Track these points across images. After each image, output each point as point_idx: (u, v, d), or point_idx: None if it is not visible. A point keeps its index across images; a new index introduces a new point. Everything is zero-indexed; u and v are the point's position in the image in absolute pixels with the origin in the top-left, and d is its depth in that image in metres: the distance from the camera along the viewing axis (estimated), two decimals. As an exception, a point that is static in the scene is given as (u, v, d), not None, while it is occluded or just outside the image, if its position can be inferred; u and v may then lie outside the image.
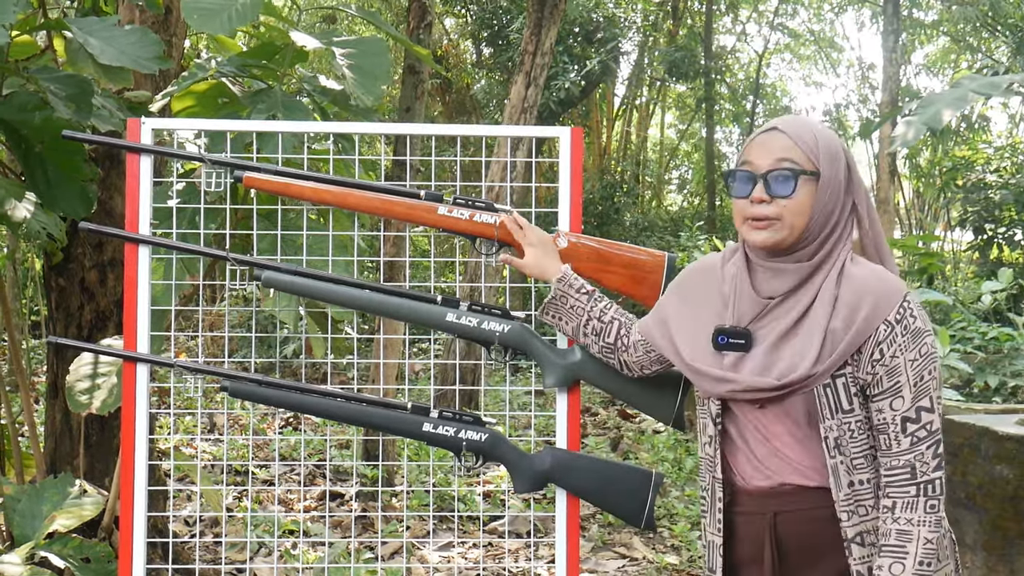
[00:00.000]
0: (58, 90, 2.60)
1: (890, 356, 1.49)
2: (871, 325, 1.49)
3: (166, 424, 6.03)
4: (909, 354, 1.49)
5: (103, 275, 3.25)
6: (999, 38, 13.30)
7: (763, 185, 1.52)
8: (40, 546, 2.54)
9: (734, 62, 17.65)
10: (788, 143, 1.53)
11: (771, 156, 1.53)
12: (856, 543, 1.52)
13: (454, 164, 7.16)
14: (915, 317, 1.50)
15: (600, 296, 1.93)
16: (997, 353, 5.41)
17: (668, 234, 12.59)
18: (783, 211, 1.51)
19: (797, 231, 1.52)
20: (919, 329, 1.50)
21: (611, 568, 4.21)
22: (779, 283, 1.56)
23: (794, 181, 1.51)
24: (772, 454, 1.58)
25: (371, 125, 2.35)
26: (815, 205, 1.52)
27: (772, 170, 1.52)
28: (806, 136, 1.53)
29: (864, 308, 1.49)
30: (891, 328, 1.49)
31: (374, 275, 9.08)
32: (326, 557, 3.77)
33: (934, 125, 3.97)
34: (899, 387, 1.49)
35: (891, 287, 1.51)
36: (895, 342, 1.49)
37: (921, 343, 1.49)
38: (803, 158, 1.52)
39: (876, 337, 1.49)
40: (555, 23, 6.43)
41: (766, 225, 1.53)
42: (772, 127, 1.57)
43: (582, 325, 1.90)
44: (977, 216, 9.85)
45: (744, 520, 1.62)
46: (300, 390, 2.01)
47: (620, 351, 1.87)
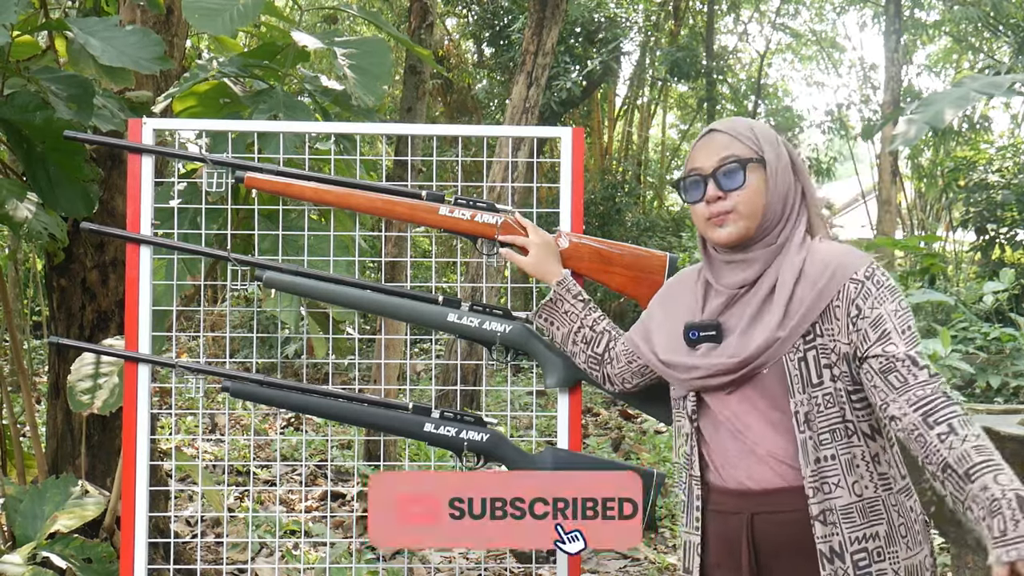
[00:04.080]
0: (59, 90, 2.60)
1: (869, 308, 1.50)
2: (837, 283, 1.52)
3: (167, 424, 6.03)
4: (889, 305, 1.50)
5: (104, 275, 3.25)
6: (1001, 38, 13.28)
7: (714, 184, 1.59)
8: (42, 546, 2.55)
9: (736, 62, 17.63)
10: (727, 140, 1.60)
11: (715, 156, 1.60)
12: (819, 521, 1.52)
13: (455, 164, 7.15)
14: (886, 275, 1.53)
15: (595, 307, 1.94)
16: (999, 353, 5.40)
17: (670, 234, 12.57)
18: (738, 203, 1.58)
19: (757, 218, 1.58)
20: (893, 286, 1.52)
21: (612, 568, 4.21)
22: (746, 272, 1.60)
23: (742, 171, 1.57)
24: (748, 452, 1.58)
25: (372, 125, 2.35)
26: (769, 189, 1.58)
27: (718, 167, 1.59)
28: (742, 129, 1.60)
29: (828, 271, 1.53)
30: (861, 284, 1.51)
31: (375, 275, 9.08)
32: (327, 557, 3.77)
33: (936, 124, 3.97)
34: (888, 333, 1.49)
35: (857, 255, 1.55)
36: (871, 295, 1.51)
37: (899, 297, 1.51)
38: (744, 150, 1.58)
39: (847, 295, 1.51)
40: (556, 23, 6.43)
41: (723, 220, 1.58)
42: (709, 130, 1.64)
43: (573, 332, 1.92)
44: (979, 216, 9.83)
45: (721, 519, 1.62)
46: (301, 390, 2.01)
47: (605, 363, 1.89)
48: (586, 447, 6.33)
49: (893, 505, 1.53)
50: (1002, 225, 9.80)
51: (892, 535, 1.52)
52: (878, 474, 1.53)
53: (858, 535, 1.50)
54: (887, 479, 1.54)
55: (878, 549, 1.50)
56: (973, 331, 5.63)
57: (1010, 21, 12.06)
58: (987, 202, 9.80)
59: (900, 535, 1.52)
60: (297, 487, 4.53)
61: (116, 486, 2.88)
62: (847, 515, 1.51)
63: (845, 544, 1.50)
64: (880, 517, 1.52)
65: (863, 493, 1.52)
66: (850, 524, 1.51)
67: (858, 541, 1.50)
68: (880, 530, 1.51)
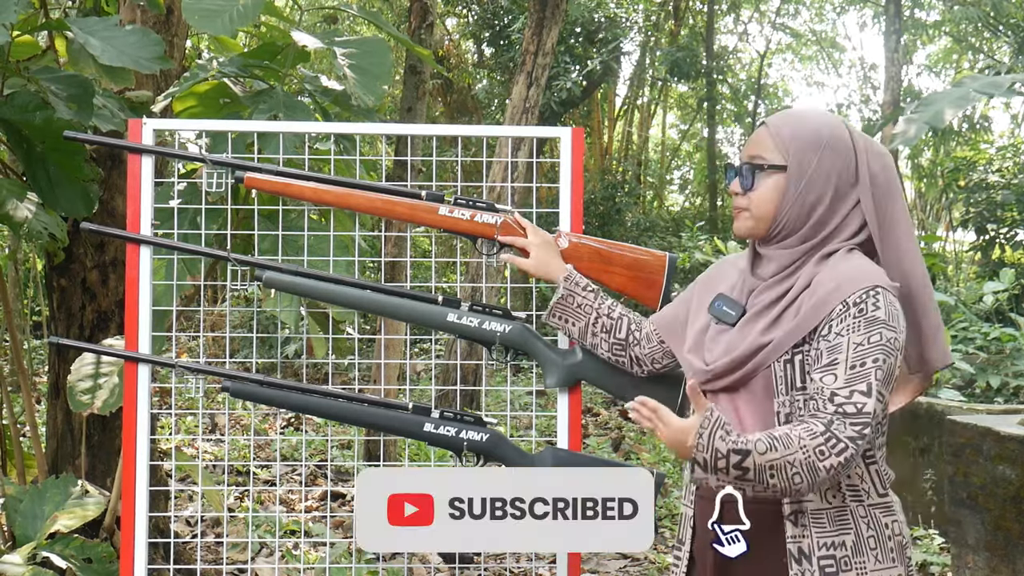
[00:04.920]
0: (59, 90, 2.60)
1: (835, 334, 1.49)
2: (830, 303, 1.51)
3: (167, 424, 6.03)
4: (856, 336, 1.48)
5: (104, 275, 3.25)
6: (1001, 38, 13.28)
7: (738, 178, 1.62)
8: (42, 546, 2.55)
9: (736, 62, 17.64)
10: (765, 137, 1.61)
11: (749, 150, 1.63)
12: (791, 521, 1.53)
13: (455, 164, 7.15)
14: (877, 307, 1.49)
15: (605, 295, 1.94)
16: (999, 353, 5.40)
17: (670, 234, 12.58)
18: (750, 202, 1.60)
19: (766, 221, 1.59)
20: (876, 318, 1.48)
21: (612, 568, 4.21)
22: (769, 267, 1.61)
23: (752, 175, 1.59)
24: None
25: (372, 125, 2.35)
26: (784, 196, 1.57)
27: (744, 164, 1.62)
28: (784, 131, 1.59)
29: (832, 288, 1.52)
30: (846, 308, 1.50)
31: (375, 275, 9.08)
32: (327, 557, 3.77)
33: (936, 124, 3.97)
34: (835, 364, 1.48)
35: (865, 275, 1.52)
36: (844, 321, 1.49)
37: (874, 331, 1.48)
38: (772, 152, 1.59)
39: (830, 316, 1.51)
40: (556, 23, 6.42)
41: (738, 214, 1.63)
42: (763, 122, 1.65)
43: (591, 324, 1.90)
44: (979, 216, 9.82)
45: (704, 503, 1.64)
46: (301, 390, 2.01)
47: (631, 346, 1.88)
48: (586, 447, 6.33)
49: (862, 516, 1.54)
50: (1002, 225, 9.79)
51: (859, 546, 1.52)
52: (847, 485, 1.54)
53: (826, 541, 1.52)
54: (856, 490, 1.55)
55: (845, 558, 1.51)
56: (973, 331, 5.63)
57: (1010, 21, 12.06)
58: (987, 202, 9.79)
59: (869, 547, 1.52)
60: (297, 487, 4.53)
61: (116, 486, 2.88)
62: (817, 519, 1.53)
63: (813, 548, 1.52)
64: (848, 527, 1.53)
65: (832, 501, 1.53)
66: (819, 529, 1.52)
67: (826, 547, 1.52)
68: (847, 540, 1.52)
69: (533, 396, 2.43)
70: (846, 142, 1.59)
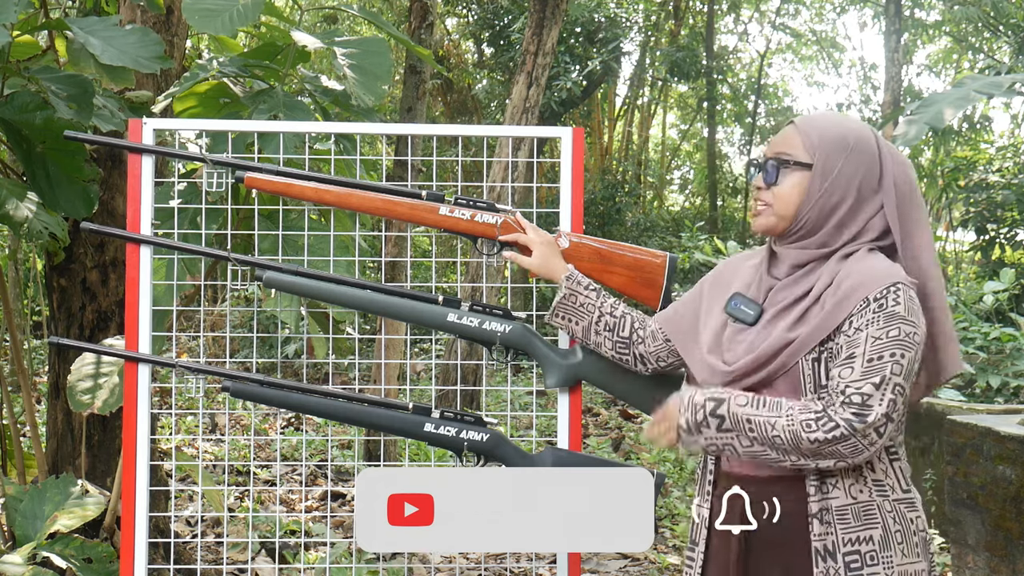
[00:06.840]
0: (59, 90, 2.60)
1: (855, 328, 1.51)
2: (853, 299, 1.51)
3: (168, 424, 6.03)
4: (874, 330, 1.49)
5: (105, 275, 3.25)
6: (1001, 38, 13.28)
7: (762, 173, 1.62)
8: (42, 546, 2.54)
9: (736, 62, 17.64)
10: (792, 134, 1.61)
11: (774, 147, 1.63)
12: (817, 519, 1.54)
13: (455, 164, 7.14)
14: (898, 303, 1.50)
15: (607, 294, 1.94)
16: (999, 353, 5.40)
17: (670, 234, 12.57)
18: (772, 198, 1.60)
19: (786, 219, 1.60)
20: (896, 312, 1.50)
21: (612, 568, 4.21)
22: (785, 266, 1.62)
23: (777, 171, 1.60)
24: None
25: (372, 125, 2.35)
26: (807, 194, 1.58)
27: (768, 160, 1.62)
28: (811, 130, 1.60)
29: (854, 286, 1.52)
30: (867, 304, 1.51)
31: (375, 275, 9.08)
32: (327, 557, 3.77)
33: (936, 124, 3.96)
34: (852, 358, 1.49)
35: (886, 272, 1.53)
36: (864, 316, 1.50)
37: (893, 327, 1.49)
38: (799, 150, 1.59)
39: (852, 312, 1.52)
40: (557, 23, 6.42)
41: (759, 210, 1.63)
42: (790, 121, 1.65)
43: (594, 322, 1.90)
44: (979, 216, 9.82)
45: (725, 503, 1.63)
46: (302, 390, 2.01)
47: (636, 344, 1.87)
48: (586, 447, 6.33)
49: (889, 511, 1.54)
50: (1002, 225, 9.78)
51: (887, 540, 1.53)
52: (872, 480, 1.55)
53: (851, 537, 1.52)
54: (882, 485, 1.55)
55: (871, 552, 1.52)
56: (973, 331, 5.63)
57: (1010, 21, 12.06)
58: (987, 202, 9.79)
59: (896, 541, 1.53)
60: (297, 487, 4.53)
61: (116, 486, 2.88)
62: (842, 516, 1.53)
63: (838, 544, 1.52)
64: (875, 521, 1.53)
65: (858, 496, 1.54)
66: (844, 525, 1.53)
67: (851, 543, 1.52)
68: (874, 534, 1.52)
69: (533, 396, 2.43)
70: (872, 148, 1.59)
